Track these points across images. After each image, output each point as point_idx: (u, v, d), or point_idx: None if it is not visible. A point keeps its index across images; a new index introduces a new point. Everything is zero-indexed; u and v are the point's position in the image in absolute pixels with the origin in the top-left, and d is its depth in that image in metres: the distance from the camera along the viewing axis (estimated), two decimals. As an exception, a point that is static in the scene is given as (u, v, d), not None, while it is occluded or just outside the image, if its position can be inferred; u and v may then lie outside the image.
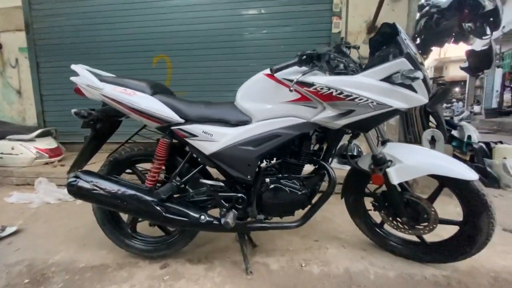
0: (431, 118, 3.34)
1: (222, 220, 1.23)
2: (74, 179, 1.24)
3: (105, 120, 1.34)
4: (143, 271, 1.40)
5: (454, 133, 3.28)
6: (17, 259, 1.55)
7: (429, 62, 20.95)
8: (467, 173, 1.13)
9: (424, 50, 3.58)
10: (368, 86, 1.10)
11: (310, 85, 1.13)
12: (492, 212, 1.13)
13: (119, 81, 1.27)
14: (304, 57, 1.10)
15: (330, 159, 1.37)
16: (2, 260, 1.54)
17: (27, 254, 1.60)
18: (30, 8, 3.48)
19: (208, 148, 1.23)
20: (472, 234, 1.19)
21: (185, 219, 1.23)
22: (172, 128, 1.24)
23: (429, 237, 1.39)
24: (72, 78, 1.30)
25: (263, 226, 1.30)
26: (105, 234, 1.47)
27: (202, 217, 1.24)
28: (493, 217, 1.13)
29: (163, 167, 1.35)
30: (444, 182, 1.21)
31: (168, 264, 1.45)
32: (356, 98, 1.09)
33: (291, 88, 1.08)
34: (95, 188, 1.21)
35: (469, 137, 3.02)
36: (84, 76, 1.25)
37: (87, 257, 1.54)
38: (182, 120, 1.23)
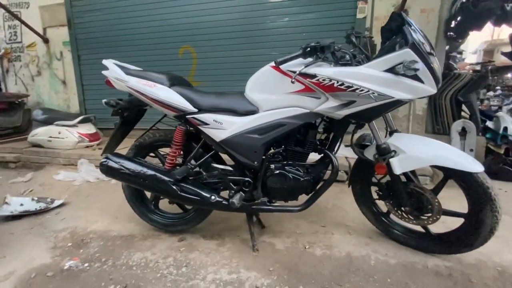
0: (464, 108, 3.14)
1: (230, 201, 1.35)
2: (105, 160, 1.44)
3: (131, 109, 1.51)
4: (164, 243, 1.59)
5: (489, 124, 3.05)
6: (62, 227, 1.83)
7: (478, 45, 18.88)
8: (471, 165, 1.11)
9: (460, 33, 3.30)
10: (369, 77, 1.12)
11: (313, 76, 1.17)
12: (496, 206, 1.11)
13: (142, 74, 1.42)
14: (308, 49, 1.15)
15: (336, 148, 1.42)
16: (51, 227, 1.84)
17: (70, 222, 1.88)
18: (71, 4, 3.81)
19: (218, 135, 1.35)
20: (476, 226, 1.18)
21: (197, 198, 1.38)
22: (187, 116, 1.37)
23: (435, 228, 1.40)
24: (104, 72, 1.47)
25: (267, 208, 1.40)
26: (132, 209, 1.68)
27: (213, 197, 1.38)
28: (497, 210, 1.11)
29: (181, 152, 1.50)
30: (449, 174, 1.21)
31: (185, 238, 1.63)
32: (357, 89, 1.12)
33: (293, 80, 1.15)
34: (122, 168, 1.40)
35: (505, 128, 2.80)
36: (113, 70, 1.42)
37: (118, 228, 1.78)
38: (196, 110, 1.35)
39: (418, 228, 1.43)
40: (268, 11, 3.32)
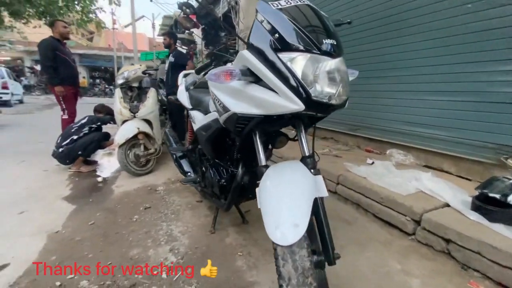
0: None
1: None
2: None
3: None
4: (190, 199, 2.25)
5: None
6: (160, 178, 3.04)
7: None
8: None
9: None
10: (223, 87, 0.99)
11: (212, 84, 1.22)
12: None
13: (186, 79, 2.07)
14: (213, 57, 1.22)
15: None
16: (153, 179, 3.05)
17: (160, 176, 3.02)
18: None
19: (194, 127, 1.72)
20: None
21: (180, 169, 1.88)
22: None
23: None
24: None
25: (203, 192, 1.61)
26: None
27: (189, 173, 1.81)
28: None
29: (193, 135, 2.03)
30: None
31: (201, 201, 2.18)
32: (215, 98, 1.05)
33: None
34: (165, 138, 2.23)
35: None
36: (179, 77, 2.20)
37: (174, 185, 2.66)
38: (190, 107, 1.81)
39: None
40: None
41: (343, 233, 1.74)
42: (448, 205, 1.66)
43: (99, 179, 2.77)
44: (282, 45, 0.79)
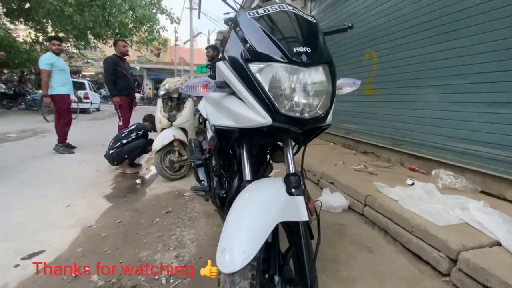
0: None
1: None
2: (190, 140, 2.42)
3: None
4: (207, 207, 2.29)
5: None
6: (190, 183, 3.13)
7: None
8: None
9: None
10: (209, 97, 0.99)
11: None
12: None
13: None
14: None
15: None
16: (183, 184, 3.15)
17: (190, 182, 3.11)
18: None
19: (208, 137, 1.75)
20: None
21: (197, 175, 1.92)
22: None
23: None
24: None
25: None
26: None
27: (203, 181, 1.84)
28: None
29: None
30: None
31: (208, 204, 2.19)
32: (205, 108, 1.04)
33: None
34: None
35: None
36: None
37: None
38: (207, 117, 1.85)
39: None
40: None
41: (362, 263, 1.54)
42: (499, 244, 1.33)
43: (138, 181, 3.03)
44: (252, 55, 0.75)
